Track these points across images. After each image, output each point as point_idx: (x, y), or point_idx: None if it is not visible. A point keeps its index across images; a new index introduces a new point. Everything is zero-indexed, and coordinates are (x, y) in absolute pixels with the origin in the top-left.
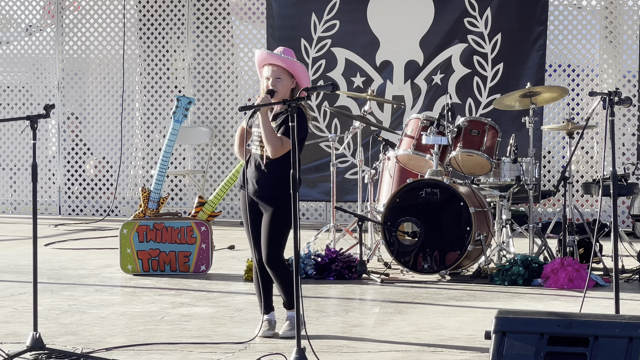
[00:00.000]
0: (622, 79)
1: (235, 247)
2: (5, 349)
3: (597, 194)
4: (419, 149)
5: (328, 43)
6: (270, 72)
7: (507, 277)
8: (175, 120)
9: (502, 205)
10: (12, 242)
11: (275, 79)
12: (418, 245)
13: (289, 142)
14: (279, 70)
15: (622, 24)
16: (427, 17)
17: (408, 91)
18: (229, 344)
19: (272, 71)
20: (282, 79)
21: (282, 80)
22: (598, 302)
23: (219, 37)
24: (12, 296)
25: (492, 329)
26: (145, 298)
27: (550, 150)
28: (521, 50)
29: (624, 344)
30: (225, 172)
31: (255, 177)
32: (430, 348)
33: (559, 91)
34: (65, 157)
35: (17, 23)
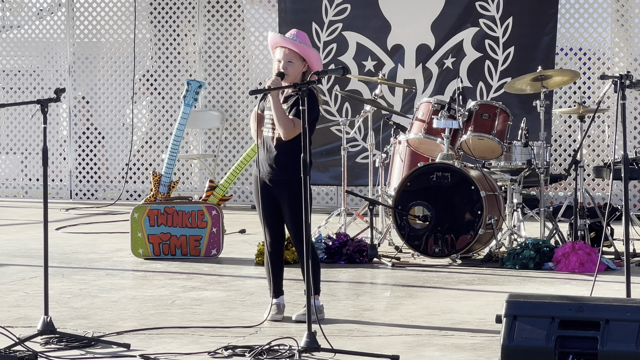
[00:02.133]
0: (633, 62)
1: (246, 231)
2: (17, 332)
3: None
4: (430, 133)
5: (339, 27)
6: (282, 54)
7: (518, 261)
8: (186, 104)
9: (513, 189)
10: (23, 226)
11: (286, 62)
12: (429, 229)
13: (300, 123)
14: (290, 53)
15: (633, 7)
16: (438, 0)
17: (419, 75)
18: (240, 328)
19: (284, 54)
20: (294, 62)
21: (293, 63)
22: (609, 286)
23: (230, 21)
24: (23, 280)
25: (503, 313)
26: (156, 282)
27: (562, 134)
28: (532, 34)
29: (635, 327)
30: (236, 156)
31: (268, 160)
32: (441, 332)
33: (570, 75)
34: (76, 142)
35: (27, 7)
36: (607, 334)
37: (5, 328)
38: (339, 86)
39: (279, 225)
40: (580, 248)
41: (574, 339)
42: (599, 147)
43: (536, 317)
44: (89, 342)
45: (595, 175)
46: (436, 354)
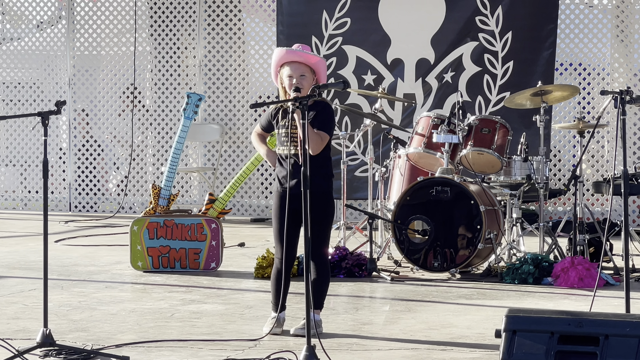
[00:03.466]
0: (633, 78)
1: (245, 244)
2: (16, 345)
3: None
4: (429, 147)
5: (339, 41)
6: (292, 69)
7: (517, 276)
8: (186, 117)
9: (513, 204)
10: (22, 239)
11: (299, 77)
12: (428, 243)
13: (327, 136)
14: (301, 67)
15: (633, 23)
16: (438, 15)
17: (419, 89)
18: (239, 341)
19: (295, 68)
20: (306, 75)
21: (306, 77)
22: (608, 301)
23: (230, 34)
24: (22, 292)
25: (503, 328)
26: (156, 295)
27: (561, 149)
28: (531, 49)
29: (634, 343)
30: (236, 170)
31: (292, 176)
32: (440, 346)
33: (570, 90)
34: (75, 154)
35: (28, 19)
36: (607, 350)
37: (5, 340)
38: (338, 100)
39: (294, 243)
40: (580, 263)
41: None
42: (598, 163)
43: (535, 332)
44: (88, 355)
45: (595, 190)
46: None
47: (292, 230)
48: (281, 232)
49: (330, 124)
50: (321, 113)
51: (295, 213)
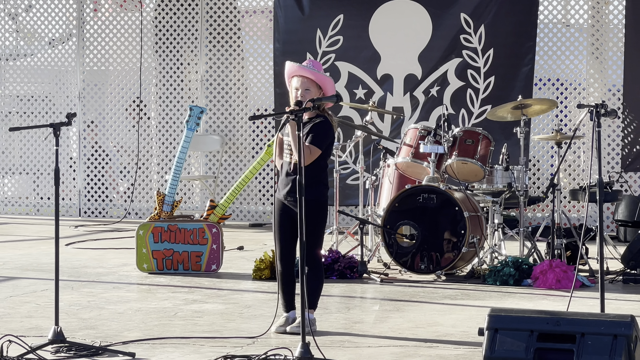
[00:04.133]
0: (607, 93)
1: (244, 247)
2: (29, 341)
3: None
4: (417, 157)
5: (332, 57)
6: (299, 83)
7: (498, 278)
8: (189, 128)
9: (495, 210)
10: (35, 242)
11: (304, 90)
12: (415, 247)
13: (316, 150)
14: (307, 81)
15: (607, 41)
16: (425, 33)
17: (407, 103)
18: (238, 339)
19: (301, 82)
20: (311, 90)
21: (310, 91)
22: (584, 301)
23: (230, 51)
24: (34, 292)
25: (485, 326)
26: (160, 295)
27: (540, 159)
28: (512, 65)
29: (608, 340)
30: (235, 178)
31: (287, 183)
32: (426, 343)
33: (548, 103)
34: (85, 163)
35: (40, 37)
36: (583, 347)
37: (18, 337)
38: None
39: (292, 245)
40: (557, 266)
41: (552, 351)
42: (574, 172)
43: (516, 331)
44: (96, 351)
45: (572, 197)
46: None
47: (287, 233)
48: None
49: (323, 139)
50: (316, 128)
51: (290, 218)
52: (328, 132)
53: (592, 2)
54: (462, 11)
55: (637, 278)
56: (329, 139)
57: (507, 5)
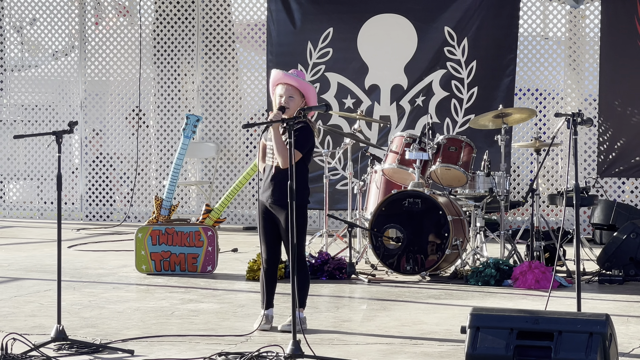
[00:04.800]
0: (584, 102)
1: (238, 250)
2: (32, 339)
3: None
4: (402, 164)
5: (322, 68)
6: (283, 90)
7: (480, 278)
8: (185, 136)
9: (477, 214)
10: (38, 245)
11: (288, 97)
12: (401, 249)
13: (297, 153)
14: (291, 89)
15: (584, 53)
16: (411, 46)
17: (393, 112)
18: (232, 337)
19: (285, 89)
20: (294, 97)
21: (294, 98)
22: (562, 301)
23: (225, 62)
24: (38, 292)
25: (467, 324)
26: (158, 295)
27: (520, 166)
28: (494, 76)
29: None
30: (230, 183)
31: (269, 186)
32: (411, 341)
33: (527, 112)
34: (86, 169)
35: (44, 49)
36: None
37: (22, 335)
38: (321, 121)
39: (276, 245)
40: (536, 267)
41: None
42: (552, 177)
43: (497, 329)
44: (97, 349)
45: (550, 202)
46: None
47: (271, 234)
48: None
49: (304, 143)
50: (297, 133)
51: (272, 221)
52: (308, 137)
53: (569, 16)
54: (446, 25)
55: (612, 279)
56: (309, 144)
57: (489, 19)
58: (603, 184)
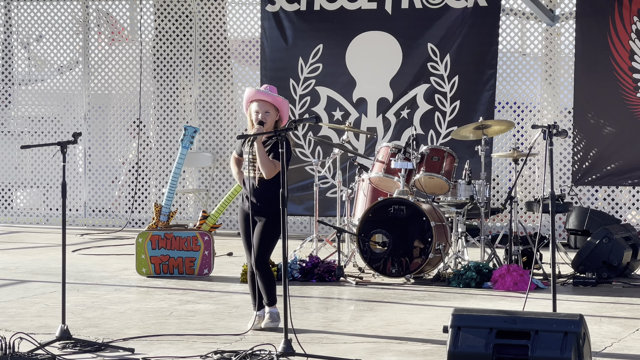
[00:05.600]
0: (559, 115)
1: (233, 254)
2: (38, 338)
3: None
4: (388, 172)
5: (313, 82)
6: (259, 106)
7: (462, 281)
8: (183, 146)
9: (458, 220)
10: (44, 249)
11: (264, 113)
12: (387, 253)
13: (279, 164)
14: (266, 104)
15: (559, 68)
16: (396, 61)
17: (380, 124)
18: (228, 336)
19: (260, 105)
20: (270, 112)
21: (270, 113)
22: (538, 302)
23: (221, 77)
24: (44, 294)
25: (449, 324)
26: (157, 296)
27: (499, 174)
28: (475, 90)
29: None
30: (225, 191)
31: (250, 195)
32: (397, 340)
33: (506, 124)
34: (89, 177)
35: (50, 64)
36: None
37: (29, 334)
38: (312, 132)
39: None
40: (514, 270)
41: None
42: (530, 186)
43: (477, 328)
44: (99, 347)
45: (527, 209)
46: (393, 359)
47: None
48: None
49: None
50: (276, 146)
51: (253, 225)
52: (287, 149)
53: (545, 33)
54: (430, 41)
55: (585, 281)
56: (288, 155)
57: (470, 36)
58: (577, 192)
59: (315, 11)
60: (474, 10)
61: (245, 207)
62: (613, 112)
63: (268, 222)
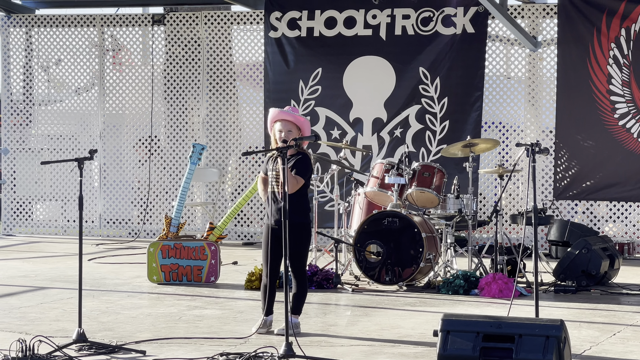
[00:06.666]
0: (541, 134)
1: (238, 262)
2: (56, 341)
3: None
4: (382, 187)
5: (312, 103)
6: (282, 126)
7: (450, 288)
8: (192, 162)
9: (448, 232)
10: (62, 258)
11: (287, 132)
12: (381, 262)
13: (302, 180)
14: (289, 124)
15: (541, 91)
16: (390, 84)
17: (375, 142)
18: (233, 339)
19: (284, 125)
20: (292, 131)
21: (292, 132)
22: (522, 308)
23: (227, 98)
24: (61, 300)
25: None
26: (167, 302)
27: (485, 189)
28: (463, 111)
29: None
30: (231, 204)
31: (274, 209)
32: (390, 343)
33: (492, 143)
34: (104, 191)
35: (68, 86)
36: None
37: (48, 337)
38: (311, 150)
39: (278, 263)
40: (500, 278)
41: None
42: (514, 200)
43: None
44: (113, 349)
45: (512, 221)
46: None
47: (275, 253)
48: (266, 256)
49: (305, 171)
50: (299, 163)
51: (278, 241)
52: (309, 166)
53: (528, 58)
54: (421, 65)
55: (566, 289)
56: (310, 172)
57: (459, 61)
58: (558, 206)
59: (315, 37)
60: (462, 36)
61: (270, 221)
62: (592, 132)
63: (293, 234)
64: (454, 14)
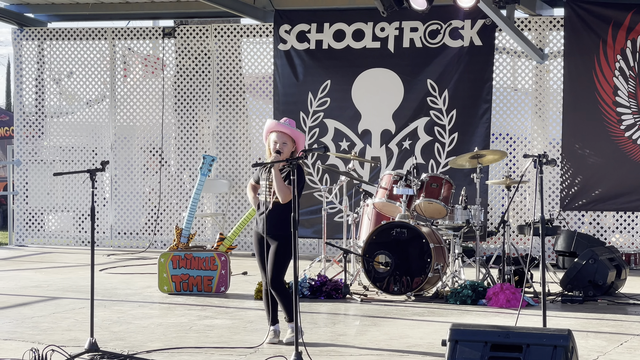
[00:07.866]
0: (548, 145)
1: (247, 273)
2: (69, 351)
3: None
4: (391, 198)
5: (321, 115)
6: (277, 137)
7: (458, 298)
8: (202, 174)
9: (455, 242)
10: (74, 268)
11: (282, 143)
12: (390, 272)
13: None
14: (285, 136)
15: (548, 103)
16: (398, 96)
17: (383, 153)
18: (243, 348)
19: (279, 136)
20: (287, 143)
21: (287, 144)
22: (529, 318)
23: (236, 110)
24: (73, 310)
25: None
26: (178, 312)
27: (493, 200)
28: (471, 123)
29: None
30: (241, 215)
31: (264, 218)
32: (398, 353)
33: (500, 154)
34: (116, 202)
35: (79, 98)
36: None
37: (60, 347)
38: (320, 161)
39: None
40: (507, 288)
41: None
42: (521, 210)
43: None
44: (124, 359)
45: (519, 232)
46: None
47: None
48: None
49: (298, 182)
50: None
51: (267, 247)
52: (301, 177)
53: (535, 70)
54: (429, 78)
55: (573, 299)
56: (302, 183)
57: (467, 73)
58: (565, 216)
59: (323, 50)
60: (470, 49)
61: (260, 229)
62: (598, 143)
63: (281, 244)
64: (461, 26)
